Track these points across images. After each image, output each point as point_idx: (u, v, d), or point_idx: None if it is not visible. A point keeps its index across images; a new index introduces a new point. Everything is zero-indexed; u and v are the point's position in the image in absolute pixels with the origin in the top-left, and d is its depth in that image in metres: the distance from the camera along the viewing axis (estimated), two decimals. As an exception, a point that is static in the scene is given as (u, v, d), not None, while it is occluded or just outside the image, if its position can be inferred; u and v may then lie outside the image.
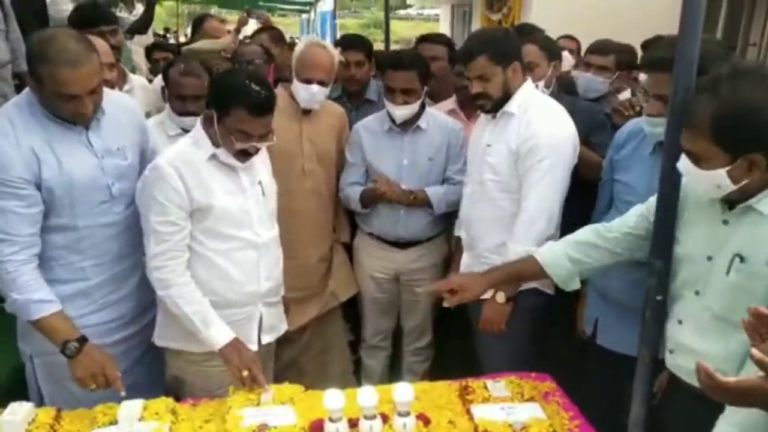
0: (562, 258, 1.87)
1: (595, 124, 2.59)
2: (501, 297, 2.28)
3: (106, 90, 1.95)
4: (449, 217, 2.74)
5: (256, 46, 3.41)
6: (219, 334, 1.97)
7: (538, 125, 2.22)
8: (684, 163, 1.50)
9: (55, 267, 1.93)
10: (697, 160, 1.46)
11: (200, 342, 1.99)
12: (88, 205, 1.94)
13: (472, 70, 2.26)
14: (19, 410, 1.73)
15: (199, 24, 4.41)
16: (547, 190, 2.22)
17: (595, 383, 2.18)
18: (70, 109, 1.83)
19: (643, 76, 2.65)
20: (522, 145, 2.22)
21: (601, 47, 3.15)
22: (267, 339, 2.22)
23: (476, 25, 11.08)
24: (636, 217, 1.79)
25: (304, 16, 14.93)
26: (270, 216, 2.15)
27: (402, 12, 25.15)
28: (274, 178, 2.24)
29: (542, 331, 2.45)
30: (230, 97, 1.92)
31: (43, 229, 1.88)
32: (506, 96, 2.27)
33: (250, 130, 1.93)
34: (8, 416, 1.70)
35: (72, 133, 1.90)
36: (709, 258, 1.55)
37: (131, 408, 1.76)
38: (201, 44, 3.72)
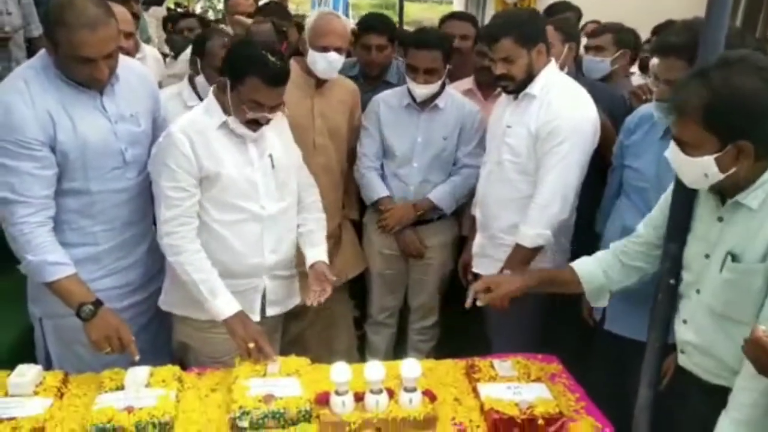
0: (598, 271, 1.85)
1: (617, 109, 2.53)
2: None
3: (121, 57, 1.94)
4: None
5: (268, 24, 3.37)
6: (225, 305, 1.97)
7: (559, 108, 2.20)
8: (673, 151, 1.50)
9: (66, 231, 1.93)
10: (686, 147, 1.45)
11: (205, 310, 2.00)
12: (101, 170, 1.93)
13: (496, 51, 2.23)
14: (28, 372, 1.74)
15: None
16: (564, 174, 2.20)
17: (602, 368, 2.18)
18: (85, 73, 1.82)
19: (654, 61, 2.64)
20: (542, 127, 2.20)
21: (597, 28, 3.20)
22: (271, 312, 2.21)
23: (490, 9, 10.95)
24: (643, 228, 1.79)
25: (317, -6, 14.78)
26: (279, 188, 2.12)
27: (415, -6, 24.84)
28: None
29: (550, 316, 2.44)
30: (246, 67, 1.91)
31: (57, 193, 1.88)
32: (529, 77, 2.24)
33: (263, 100, 1.93)
34: (16, 378, 1.71)
35: (86, 97, 1.90)
36: (707, 256, 1.55)
37: (138, 374, 1.77)
38: (242, 19, 3.66)
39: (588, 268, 1.88)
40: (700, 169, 1.44)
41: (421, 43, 2.54)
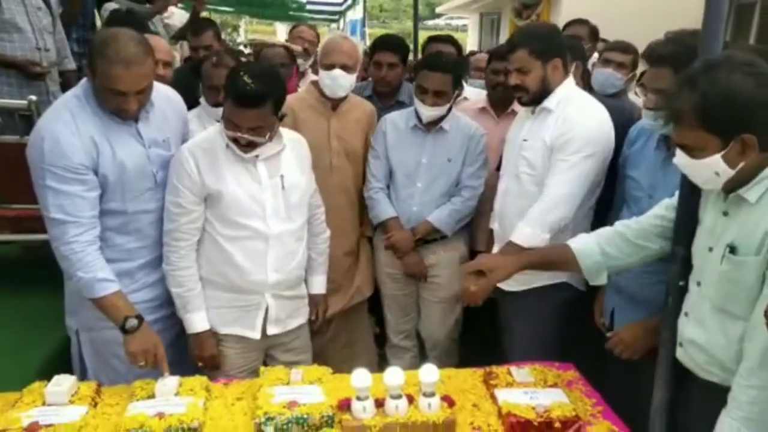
0: (594, 249, 1.87)
1: (627, 123, 2.49)
2: None
3: (155, 84, 2.07)
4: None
5: (279, 48, 3.48)
6: (193, 322, 2.14)
7: (574, 121, 2.24)
8: (680, 158, 1.54)
9: (104, 248, 2.03)
10: (691, 151, 1.50)
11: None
12: (136, 192, 2.06)
13: (512, 62, 2.30)
14: (64, 382, 1.82)
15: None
16: (571, 182, 2.24)
17: (615, 372, 2.17)
18: (115, 104, 1.95)
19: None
20: (557, 139, 2.25)
21: (622, 45, 3.21)
22: (272, 330, 2.27)
23: (504, 34, 11.14)
24: (665, 207, 1.80)
25: (333, 25, 15.12)
26: (288, 209, 2.18)
27: (430, 23, 25.21)
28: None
29: (568, 325, 2.47)
30: (226, 87, 2.00)
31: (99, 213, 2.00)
32: (545, 91, 2.30)
33: (236, 120, 1.99)
34: (53, 387, 1.80)
35: (124, 125, 2.02)
36: (710, 249, 1.59)
37: (168, 383, 1.84)
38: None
39: (585, 246, 1.89)
40: (710, 169, 1.48)
41: (434, 65, 2.61)
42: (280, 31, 21.58)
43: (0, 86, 3.26)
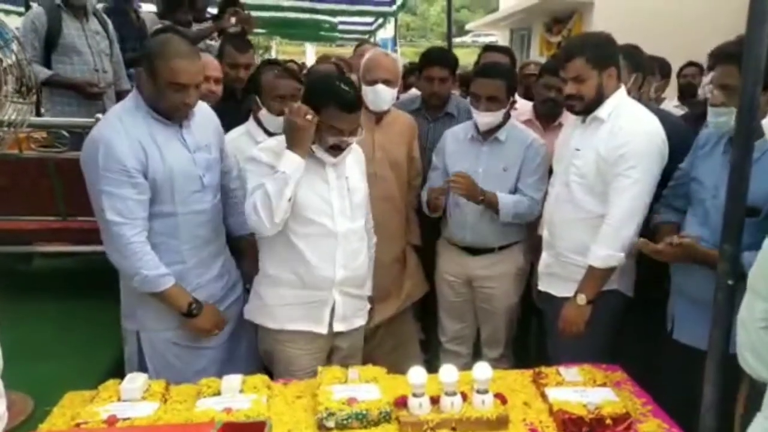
0: None
1: (676, 135, 2.44)
2: (582, 299, 2.33)
3: None
4: (522, 227, 2.85)
5: (329, 65, 3.65)
6: (285, 163, 2.09)
7: (629, 133, 2.26)
8: None
9: (158, 252, 2.16)
10: None
11: (274, 318, 2.28)
12: (185, 194, 2.19)
13: (568, 70, 2.33)
14: (137, 380, 1.94)
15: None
16: (636, 198, 2.27)
17: (670, 377, 2.19)
18: (177, 99, 2.09)
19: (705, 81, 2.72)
20: (611, 152, 2.27)
21: None
22: (338, 327, 2.34)
23: (535, 50, 11.21)
24: None
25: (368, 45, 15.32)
26: (354, 209, 2.29)
27: (457, 40, 25.37)
28: None
29: (616, 330, 2.49)
30: (324, 96, 2.13)
31: (150, 216, 2.13)
32: (599, 100, 2.32)
33: (340, 125, 2.13)
34: (128, 384, 1.91)
35: (170, 131, 2.17)
36: None
37: (232, 381, 1.94)
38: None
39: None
40: None
41: (485, 72, 2.74)
42: (309, 52, 21.91)
43: (61, 106, 3.48)
